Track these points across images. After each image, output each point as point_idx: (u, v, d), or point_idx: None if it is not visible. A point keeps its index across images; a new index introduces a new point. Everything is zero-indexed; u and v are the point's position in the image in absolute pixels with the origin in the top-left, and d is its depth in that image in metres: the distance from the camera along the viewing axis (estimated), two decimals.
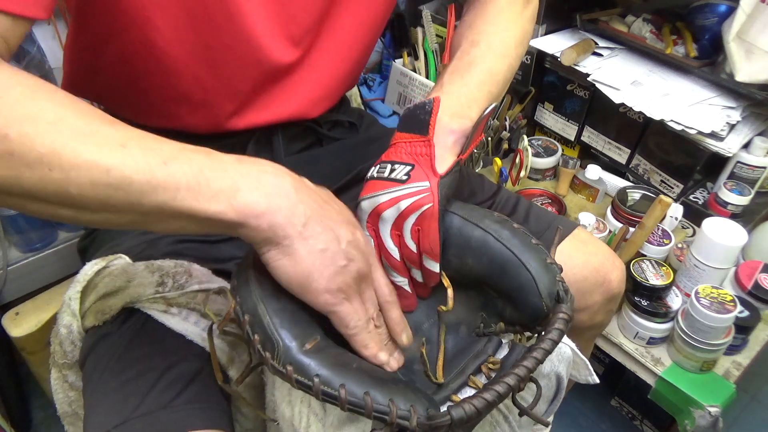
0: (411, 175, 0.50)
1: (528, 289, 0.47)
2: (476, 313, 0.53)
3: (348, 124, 0.76)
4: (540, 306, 0.46)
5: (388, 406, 0.39)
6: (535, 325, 0.48)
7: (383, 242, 0.50)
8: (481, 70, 0.58)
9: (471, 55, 0.59)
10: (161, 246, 0.60)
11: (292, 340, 0.41)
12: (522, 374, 0.40)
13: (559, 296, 0.46)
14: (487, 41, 0.60)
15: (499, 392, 0.39)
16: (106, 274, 0.55)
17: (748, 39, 0.92)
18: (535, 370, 0.41)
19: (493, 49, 0.60)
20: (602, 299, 0.72)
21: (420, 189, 0.49)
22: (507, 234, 0.49)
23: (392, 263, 0.51)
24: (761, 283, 0.93)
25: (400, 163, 0.51)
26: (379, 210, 0.50)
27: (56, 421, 1.11)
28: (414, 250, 0.50)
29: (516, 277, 0.47)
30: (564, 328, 0.43)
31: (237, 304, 0.43)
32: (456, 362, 0.50)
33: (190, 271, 0.57)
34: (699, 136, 0.97)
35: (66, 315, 0.55)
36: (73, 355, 0.57)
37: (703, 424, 0.87)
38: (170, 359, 0.52)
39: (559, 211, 1.14)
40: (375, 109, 1.40)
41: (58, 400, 0.62)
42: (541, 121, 1.31)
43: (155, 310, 0.53)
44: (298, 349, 0.41)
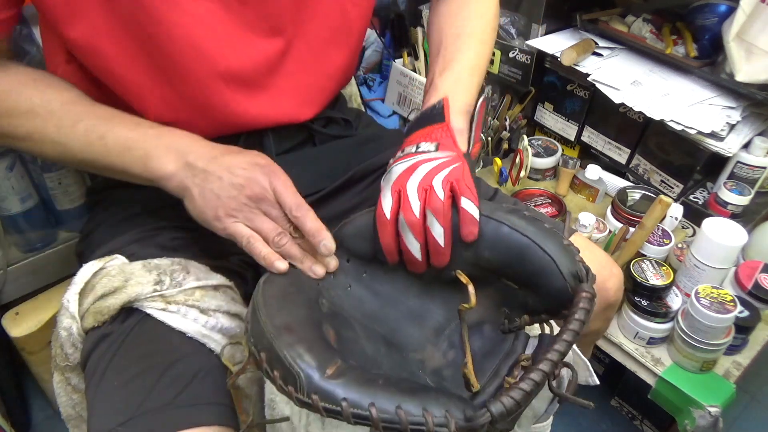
0: (438, 149, 0.54)
1: (549, 273, 0.46)
2: (498, 310, 0.52)
3: (343, 122, 0.74)
4: (564, 287, 0.46)
5: (422, 416, 0.38)
6: (560, 309, 0.47)
7: (406, 197, 0.50)
8: (468, 65, 0.62)
9: (457, 48, 0.63)
10: (157, 244, 0.60)
11: (313, 370, 0.40)
12: (555, 359, 0.39)
13: (581, 276, 0.45)
14: (468, 32, 0.64)
15: (536, 380, 0.38)
16: (104, 275, 0.54)
17: (748, 39, 0.92)
18: (567, 354, 0.40)
19: (475, 38, 0.65)
20: (599, 307, 0.72)
21: (450, 155, 0.53)
22: (521, 221, 0.48)
23: (411, 220, 0.49)
24: (761, 283, 0.93)
25: (426, 143, 0.55)
26: (414, 167, 0.52)
27: (56, 421, 1.12)
28: (442, 198, 0.49)
29: (535, 262, 0.47)
30: (590, 307, 0.42)
31: (251, 343, 0.43)
32: (488, 365, 0.49)
33: (187, 268, 0.57)
34: (699, 136, 0.97)
35: (65, 317, 0.55)
36: (74, 358, 0.56)
37: (703, 424, 0.87)
38: (171, 357, 0.52)
39: (559, 212, 1.14)
40: (375, 109, 1.40)
41: (61, 403, 0.61)
42: (541, 121, 1.31)
43: (154, 308, 0.53)
44: (321, 376, 0.40)
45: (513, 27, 1.21)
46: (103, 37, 0.53)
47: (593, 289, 0.44)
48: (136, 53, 0.55)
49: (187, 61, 0.55)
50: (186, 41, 0.54)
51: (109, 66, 0.56)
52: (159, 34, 0.53)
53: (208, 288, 0.56)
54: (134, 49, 0.54)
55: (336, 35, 0.64)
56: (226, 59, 0.57)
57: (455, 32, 0.66)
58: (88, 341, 0.55)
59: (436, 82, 0.61)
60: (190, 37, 0.54)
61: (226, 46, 0.57)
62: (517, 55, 1.21)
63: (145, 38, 0.54)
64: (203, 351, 0.54)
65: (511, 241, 0.48)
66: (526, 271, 0.48)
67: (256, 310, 0.45)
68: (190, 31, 0.54)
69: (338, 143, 0.72)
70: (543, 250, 0.46)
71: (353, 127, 0.76)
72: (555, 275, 0.46)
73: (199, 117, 0.60)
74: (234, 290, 0.60)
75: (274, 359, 0.41)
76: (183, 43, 0.54)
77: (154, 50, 0.54)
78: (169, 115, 0.59)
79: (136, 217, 0.63)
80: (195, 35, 0.54)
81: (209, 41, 0.55)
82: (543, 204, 1.17)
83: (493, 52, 1.24)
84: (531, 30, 1.20)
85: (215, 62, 0.56)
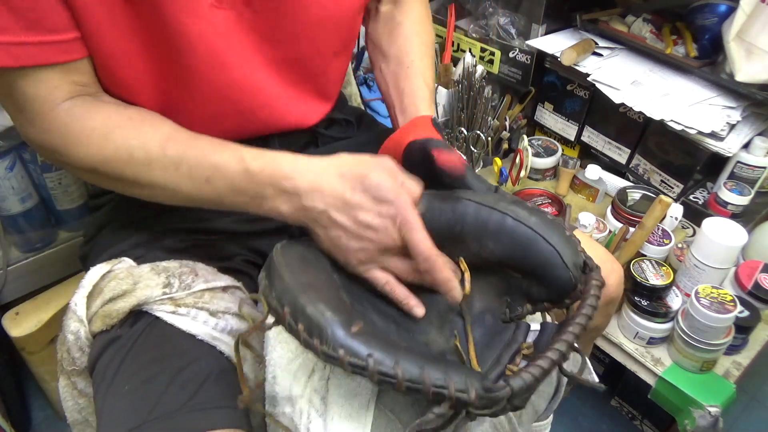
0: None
1: (553, 263, 0.47)
2: (500, 299, 0.53)
3: (344, 122, 0.75)
4: (567, 277, 0.47)
5: (444, 381, 0.38)
6: (563, 299, 0.48)
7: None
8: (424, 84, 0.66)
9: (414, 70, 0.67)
10: (164, 247, 0.60)
11: (338, 326, 0.40)
12: (570, 340, 0.41)
13: (586, 265, 0.46)
14: (419, 53, 0.68)
15: (553, 359, 0.40)
16: (112, 278, 0.54)
17: (748, 39, 0.93)
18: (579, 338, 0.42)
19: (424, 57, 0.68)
20: (601, 303, 0.72)
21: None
22: (524, 213, 0.49)
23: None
24: (761, 283, 0.93)
25: None
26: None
27: (56, 421, 1.12)
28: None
29: (539, 253, 0.48)
30: (599, 294, 0.44)
31: (273, 298, 0.43)
32: (489, 353, 0.50)
33: (195, 270, 0.56)
34: (699, 136, 0.97)
35: (72, 321, 0.54)
36: (81, 362, 0.56)
37: (703, 424, 0.87)
38: (182, 360, 0.52)
39: (559, 212, 1.14)
40: (375, 109, 1.40)
41: (67, 408, 0.61)
42: (541, 121, 1.31)
43: (163, 311, 0.53)
44: (346, 333, 0.40)
45: (513, 27, 1.21)
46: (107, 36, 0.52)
47: (602, 277, 0.46)
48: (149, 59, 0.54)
49: (203, 68, 0.55)
50: (204, 48, 0.54)
51: (108, 63, 0.54)
52: (172, 37, 0.52)
53: (217, 290, 0.56)
54: (148, 54, 0.53)
55: (340, 47, 0.65)
56: (241, 68, 0.57)
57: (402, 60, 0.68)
58: (96, 345, 0.55)
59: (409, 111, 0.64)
60: (207, 44, 0.54)
61: (240, 55, 0.56)
62: (517, 55, 1.21)
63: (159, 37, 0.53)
64: (213, 353, 0.54)
65: (515, 233, 0.49)
66: (530, 262, 0.49)
67: (278, 267, 0.45)
68: (207, 39, 0.53)
69: (340, 145, 0.73)
70: (546, 240, 0.47)
71: (354, 128, 0.77)
72: (559, 266, 0.47)
73: (211, 124, 0.59)
74: (242, 291, 0.60)
75: (299, 313, 0.41)
76: (201, 50, 0.54)
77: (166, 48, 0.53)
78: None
79: (142, 220, 0.63)
80: (211, 42, 0.54)
81: (225, 50, 0.55)
82: (543, 204, 1.17)
83: (493, 53, 1.24)
84: (531, 30, 1.20)
85: (230, 71, 0.56)
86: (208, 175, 0.50)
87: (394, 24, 0.70)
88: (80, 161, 0.51)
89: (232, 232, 0.64)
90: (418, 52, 0.68)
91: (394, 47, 0.69)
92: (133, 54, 0.53)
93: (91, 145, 0.50)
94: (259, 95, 0.60)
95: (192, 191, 0.51)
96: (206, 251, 0.61)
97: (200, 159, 0.50)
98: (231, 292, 0.58)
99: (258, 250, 0.66)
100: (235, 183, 0.50)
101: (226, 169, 0.50)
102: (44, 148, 0.52)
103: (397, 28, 0.70)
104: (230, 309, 0.56)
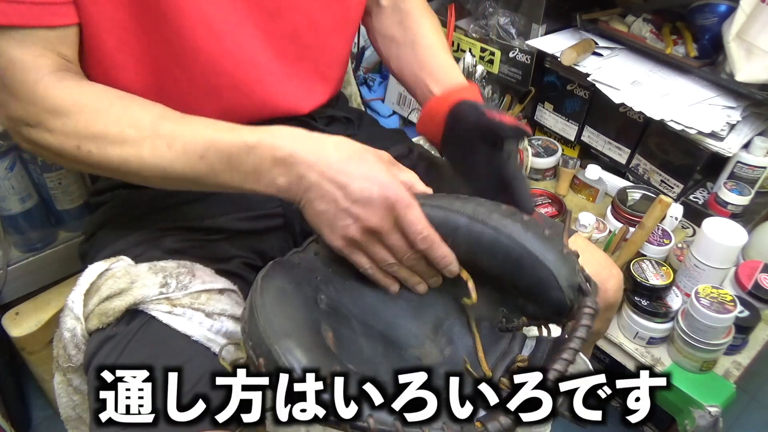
0: None
1: (548, 284, 0.46)
2: (496, 308, 0.52)
3: (345, 120, 0.75)
4: (563, 299, 0.45)
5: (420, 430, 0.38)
6: (559, 318, 0.47)
7: None
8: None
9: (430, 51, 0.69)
10: (162, 246, 0.60)
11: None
12: (553, 378, 0.39)
13: (582, 288, 0.45)
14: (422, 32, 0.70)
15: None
16: (109, 276, 0.54)
17: (748, 39, 0.93)
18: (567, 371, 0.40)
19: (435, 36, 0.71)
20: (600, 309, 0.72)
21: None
22: (518, 228, 0.47)
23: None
24: (761, 283, 0.93)
25: None
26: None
27: (56, 421, 1.12)
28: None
29: (534, 273, 0.46)
30: (591, 323, 0.42)
31: (249, 348, 0.43)
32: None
33: (193, 271, 0.56)
34: (699, 136, 0.97)
35: (69, 318, 0.54)
36: (77, 359, 0.56)
37: (703, 424, 0.87)
38: (177, 360, 0.51)
39: (559, 212, 1.14)
40: (375, 109, 1.40)
41: (61, 404, 0.61)
42: (541, 121, 1.31)
43: (159, 311, 0.53)
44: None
45: (513, 27, 1.21)
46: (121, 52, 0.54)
47: (596, 303, 0.44)
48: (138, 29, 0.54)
49: (195, 35, 0.55)
50: (194, 11, 0.54)
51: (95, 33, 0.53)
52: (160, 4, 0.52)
53: (214, 291, 0.56)
54: (136, 24, 0.53)
55: (337, 22, 0.65)
56: (234, 36, 0.57)
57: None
58: (92, 343, 0.55)
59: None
60: (198, 7, 0.54)
61: (231, 22, 0.56)
62: (517, 55, 1.21)
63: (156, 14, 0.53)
64: (208, 355, 0.54)
65: (507, 251, 0.47)
66: (523, 282, 0.47)
67: (254, 311, 0.44)
68: (201, 7, 0.54)
69: None
70: (541, 261, 0.46)
71: (355, 126, 0.76)
72: (554, 287, 0.45)
73: (205, 102, 0.59)
74: (238, 294, 0.60)
75: (272, 365, 0.41)
76: (191, 15, 0.54)
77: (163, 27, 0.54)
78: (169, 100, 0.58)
79: (141, 219, 0.63)
80: (203, 6, 0.54)
81: (215, 14, 0.55)
82: (543, 204, 1.17)
83: (493, 53, 1.24)
84: (531, 30, 1.20)
85: (222, 39, 0.56)
86: (203, 150, 0.49)
87: (402, 14, 0.72)
88: (64, 136, 0.49)
89: (233, 230, 0.64)
90: (435, 35, 0.71)
91: (410, 33, 0.71)
92: (121, 23, 0.53)
93: (79, 120, 0.49)
94: (255, 69, 0.60)
95: (185, 169, 0.49)
96: (205, 252, 0.61)
97: (195, 135, 0.49)
98: (227, 295, 0.58)
99: (258, 250, 0.66)
100: (232, 157, 0.48)
101: (222, 142, 0.49)
102: (24, 123, 0.50)
103: (407, 17, 0.71)
104: (226, 311, 0.56)
